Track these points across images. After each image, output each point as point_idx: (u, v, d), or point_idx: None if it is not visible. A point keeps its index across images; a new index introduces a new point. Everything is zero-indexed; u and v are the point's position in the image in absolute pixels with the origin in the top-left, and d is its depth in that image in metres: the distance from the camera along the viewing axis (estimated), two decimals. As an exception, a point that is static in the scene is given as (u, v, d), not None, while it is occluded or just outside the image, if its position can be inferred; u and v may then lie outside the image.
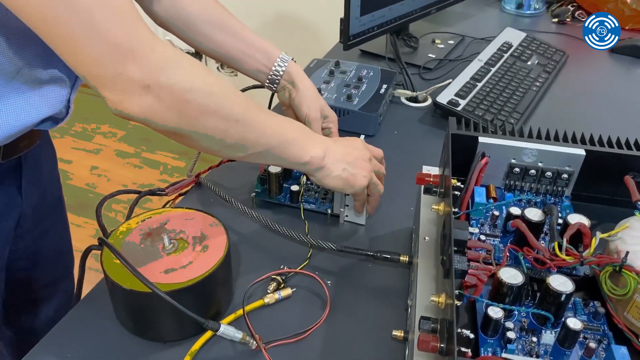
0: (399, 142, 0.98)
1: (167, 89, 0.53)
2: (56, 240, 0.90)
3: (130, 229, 0.65)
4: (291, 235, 0.73)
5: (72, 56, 0.51)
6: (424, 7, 1.22)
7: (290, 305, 0.67)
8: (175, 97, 0.54)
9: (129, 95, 0.52)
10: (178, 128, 0.56)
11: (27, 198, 0.76)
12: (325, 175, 0.68)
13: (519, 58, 1.19)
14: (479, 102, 1.02)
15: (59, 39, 0.51)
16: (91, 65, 0.51)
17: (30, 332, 0.92)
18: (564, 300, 0.49)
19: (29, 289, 0.89)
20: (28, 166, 0.74)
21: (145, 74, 0.52)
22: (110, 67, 0.51)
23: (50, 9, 0.48)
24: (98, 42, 0.50)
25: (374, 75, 1.04)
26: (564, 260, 0.53)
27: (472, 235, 0.59)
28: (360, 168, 0.70)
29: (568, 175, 0.64)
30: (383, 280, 0.71)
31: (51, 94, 0.65)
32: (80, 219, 2.03)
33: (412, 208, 0.79)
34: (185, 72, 0.55)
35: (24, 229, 0.79)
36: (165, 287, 0.57)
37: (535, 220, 0.57)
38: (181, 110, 0.55)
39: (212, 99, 0.57)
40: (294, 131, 0.66)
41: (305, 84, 0.86)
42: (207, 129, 0.58)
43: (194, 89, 0.55)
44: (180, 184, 0.79)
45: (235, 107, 0.59)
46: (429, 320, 0.49)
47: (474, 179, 0.61)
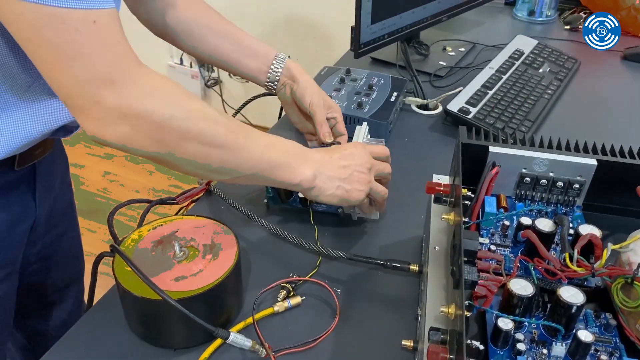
0: (410, 150, 0.98)
1: (144, 119, 0.53)
2: (68, 245, 0.92)
3: (142, 236, 0.66)
4: (301, 244, 0.73)
5: (52, 80, 0.52)
6: (435, 14, 1.22)
7: (300, 314, 0.67)
8: (153, 126, 0.54)
9: (105, 123, 0.53)
10: (156, 153, 0.56)
11: (40, 204, 0.77)
12: (318, 194, 0.68)
13: (530, 65, 1.19)
14: (490, 110, 1.02)
15: (43, 60, 0.51)
16: (70, 91, 0.52)
17: (42, 336, 0.93)
18: (575, 312, 0.49)
19: (41, 294, 0.90)
20: (41, 173, 0.75)
21: (123, 104, 0.52)
22: (88, 95, 0.51)
23: (37, 30, 0.49)
24: (79, 70, 0.50)
25: (384, 83, 1.04)
26: (575, 271, 0.52)
27: (483, 246, 0.59)
28: (357, 182, 0.69)
29: (579, 186, 0.64)
30: (393, 289, 0.71)
31: None
32: (93, 224, 2.04)
33: (422, 216, 0.79)
34: (166, 101, 0.55)
35: (37, 234, 0.80)
36: (176, 295, 0.57)
37: (546, 231, 0.57)
38: (159, 138, 0.55)
39: (192, 127, 0.56)
40: (283, 154, 0.65)
41: (305, 77, 0.86)
42: (188, 155, 0.58)
43: (173, 117, 0.55)
44: (191, 192, 0.79)
45: (219, 133, 0.59)
46: (438, 331, 0.49)
47: (484, 189, 0.60)
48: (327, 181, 0.67)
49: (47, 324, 0.93)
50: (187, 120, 0.56)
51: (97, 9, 0.50)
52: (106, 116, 0.52)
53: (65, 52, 0.50)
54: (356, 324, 0.66)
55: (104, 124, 0.52)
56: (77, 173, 2.30)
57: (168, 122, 0.54)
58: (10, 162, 0.67)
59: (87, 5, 0.49)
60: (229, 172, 0.62)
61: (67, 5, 0.48)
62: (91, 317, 0.66)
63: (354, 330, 0.66)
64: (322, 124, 0.85)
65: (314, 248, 0.72)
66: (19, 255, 0.77)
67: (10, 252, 0.75)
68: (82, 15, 0.49)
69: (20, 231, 0.75)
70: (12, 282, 0.78)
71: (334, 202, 0.69)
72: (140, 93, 0.53)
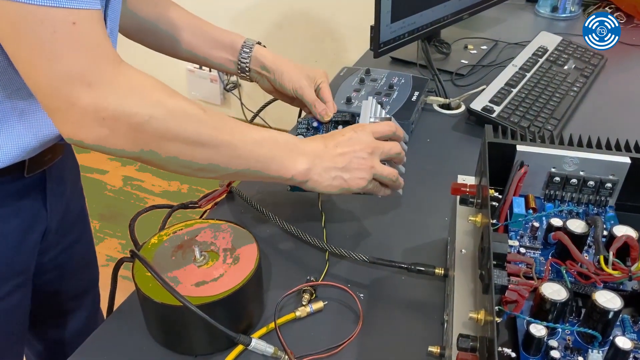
0: (433, 150, 0.96)
1: (122, 121, 0.52)
2: (81, 252, 0.91)
3: (162, 241, 0.65)
4: (322, 247, 0.72)
5: (30, 78, 0.51)
6: (455, 12, 1.20)
7: (322, 319, 0.66)
8: (131, 127, 0.52)
9: (81, 125, 0.51)
10: (135, 153, 0.55)
11: (52, 211, 0.76)
12: (314, 186, 0.65)
13: (555, 62, 1.16)
14: (515, 109, 1.00)
15: (20, 58, 0.51)
16: (46, 91, 0.51)
17: (59, 344, 0.93)
18: (611, 318, 0.46)
19: (56, 302, 0.90)
20: (52, 180, 0.75)
21: (99, 106, 0.51)
22: (64, 96, 0.50)
23: (16, 29, 0.48)
24: (55, 70, 0.49)
25: (405, 83, 1.02)
26: (611, 275, 0.50)
27: (512, 248, 0.56)
28: (356, 169, 0.65)
29: (612, 185, 0.61)
30: (417, 293, 0.69)
31: None
32: (114, 228, 2.06)
33: (446, 218, 0.77)
34: (144, 102, 0.53)
35: (50, 242, 0.80)
36: (197, 301, 0.57)
37: (579, 233, 0.54)
38: (138, 139, 0.53)
39: (173, 126, 0.55)
40: (273, 148, 0.62)
41: (277, 61, 0.82)
42: (171, 154, 0.56)
43: (152, 118, 0.53)
44: (212, 195, 0.78)
45: (202, 131, 0.57)
46: (467, 338, 0.47)
47: (512, 189, 0.58)
48: (322, 173, 0.64)
49: (63, 332, 0.93)
50: (167, 120, 0.54)
51: (78, 8, 0.49)
52: (82, 118, 0.51)
53: (41, 52, 0.49)
54: (380, 330, 0.65)
55: (80, 126, 0.51)
56: (99, 178, 2.32)
57: (147, 124, 0.53)
58: (20, 168, 0.67)
59: (68, 4, 0.48)
60: (216, 170, 0.60)
61: (47, 4, 0.47)
62: (111, 323, 0.66)
63: (377, 335, 0.64)
64: (314, 104, 0.81)
65: (335, 251, 0.71)
66: (32, 264, 0.77)
67: (24, 260, 0.74)
68: (62, 15, 0.48)
69: (32, 239, 0.74)
70: (27, 291, 0.78)
71: (334, 192, 0.66)
72: (117, 94, 0.52)
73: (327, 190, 0.66)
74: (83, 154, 0.85)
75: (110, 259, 1.91)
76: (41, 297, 0.83)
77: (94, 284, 0.97)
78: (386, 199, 0.76)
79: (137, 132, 0.53)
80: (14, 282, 0.74)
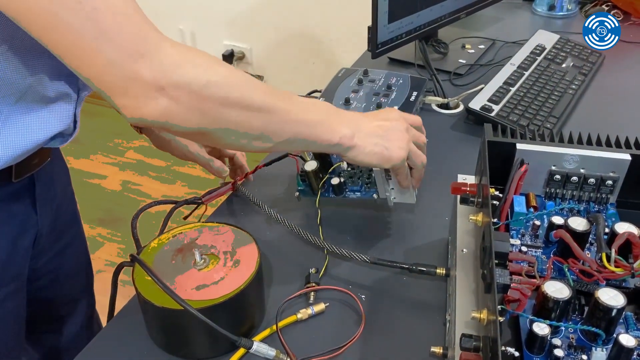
0: (432, 150, 0.95)
1: (182, 88, 0.51)
2: (75, 256, 0.90)
3: (162, 244, 0.65)
4: (324, 246, 0.72)
5: (81, 64, 0.50)
6: (452, 12, 1.20)
7: (324, 321, 0.65)
8: (193, 95, 0.52)
9: (144, 99, 0.51)
10: (200, 127, 0.54)
11: (42, 216, 0.76)
12: (357, 153, 0.64)
13: (553, 61, 1.16)
14: (513, 107, 0.99)
15: (66, 47, 0.49)
16: (101, 72, 0.50)
17: (56, 350, 0.92)
18: (615, 315, 0.46)
19: (51, 307, 0.89)
20: (41, 184, 0.74)
21: (157, 75, 0.50)
22: (121, 72, 0.49)
23: (55, 17, 0.47)
24: (106, 47, 0.49)
25: (403, 83, 1.02)
26: (613, 272, 0.50)
27: (513, 247, 0.56)
28: (396, 139, 0.66)
29: (613, 182, 0.61)
30: (419, 293, 0.69)
31: (59, 109, 0.64)
32: (113, 233, 2.05)
33: (446, 218, 0.77)
34: (199, 68, 0.53)
35: (42, 247, 0.79)
36: (197, 304, 0.56)
37: (580, 230, 0.54)
38: (200, 107, 0.53)
39: (230, 91, 0.55)
40: (319, 113, 0.63)
41: None
42: (230, 123, 0.56)
43: (210, 83, 0.53)
44: (216, 192, 0.77)
45: (256, 96, 0.57)
46: (470, 338, 0.46)
47: (513, 188, 0.58)
48: (365, 138, 0.64)
49: (59, 337, 0.92)
50: (224, 85, 0.54)
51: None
52: (143, 91, 0.50)
53: (86, 33, 0.48)
54: (382, 331, 0.64)
55: (142, 100, 0.50)
56: (98, 183, 2.32)
57: (206, 89, 0.53)
58: (8, 174, 0.66)
59: None
60: (268, 139, 0.59)
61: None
62: (112, 328, 0.66)
63: (380, 336, 0.64)
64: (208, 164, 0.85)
65: (337, 251, 0.71)
66: (25, 269, 0.76)
67: (16, 265, 0.74)
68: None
69: (23, 244, 0.74)
70: (21, 297, 0.77)
71: (374, 161, 0.65)
72: (171, 63, 0.51)
73: (367, 159, 0.65)
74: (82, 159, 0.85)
75: (110, 263, 1.90)
76: (36, 303, 0.83)
77: (89, 287, 0.96)
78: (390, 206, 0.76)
79: (199, 101, 0.52)
80: (8, 289, 0.73)
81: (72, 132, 0.69)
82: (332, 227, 0.78)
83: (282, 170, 0.87)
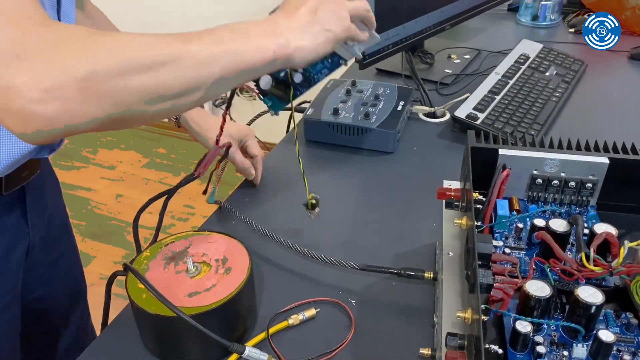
0: (419, 157, 0.98)
1: (66, 82, 0.43)
2: (67, 267, 0.90)
3: (154, 253, 0.66)
4: (313, 255, 0.73)
5: None
6: (438, 23, 1.23)
7: (315, 326, 0.67)
8: (80, 84, 0.43)
9: (29, 112, 0.42)
10: (102, 117, 0.46)
11: (34, 228, 0.76)
12: (304, 55, 0.56)
13: (536, 69, 1.18)
14: (498, 115, 1.02)
15: None
16: None
17: None
18: (594, 312, 0.48)
19: (45, 319, 0.89)
20: (32, 196, 0.74)
21: (37, 76, 0.42)
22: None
23: None
24: None
25: (390, 93, 1.04)
26: (592, 270, 0.52)
27: (497, 249, 0.58)
28: (330, 14, 0.58)
29: (592, 185, 0.63)
30: (408, 297, 0.70)
31: None
32: (106, 247, 2.05)
33: (434, 224, 0.79)
34: (79, 50, 0.45)
35: (34, 259, 0.79)
36: (190, 311, 0.57)
37: (561, 231, 0.56)
38: (92, 94, 0.44)
39: (119, 60, 0.46)
40: (241, 36, 0.53)
41: (202, 120, 0.86)
42: (139, 94, 0.47)
43: (95, 61, 0.44)
44: (206, 160, 0.70)
45: (151, 51, 0.48)
46: (455, 337, 0.48)
47: (495, 192, 0.60)
48: (302, 35, 0.56)
49: (54, 349, 0.91)
50: (110, 57, 0.45)
51: None
52: (26, 101, 0.42)
53: None
54: (372, 335, 0.65)
55: (28, 113, 0.42)
56: (89, 197, 2.32)
57: (93, 72, 0.44)
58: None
59: None
60: (193, 90, 0.50)
61: None
62: (106, 337, 0.66)
63: (370, 340, 0.65)
64: (242, 171, 0.87)
65: (326, 259, 0.72)
66: (19, 282, 0.76)
67: (9, 278, 0.74)
68: None
69: (16, 257, 0.74)
70: (16, 310, 0.77)
71: (327, 49, 0.58)
72: (49, 56, 0.43)
73: (317, 52, 0.58)
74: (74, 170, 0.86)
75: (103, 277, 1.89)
76: (30, 315, 0.83)
77: (82, 298, 0.97)
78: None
79: (89, 87, 0.44)
80: (2, 302, 0.73)
81: (60, 141, 0.70)
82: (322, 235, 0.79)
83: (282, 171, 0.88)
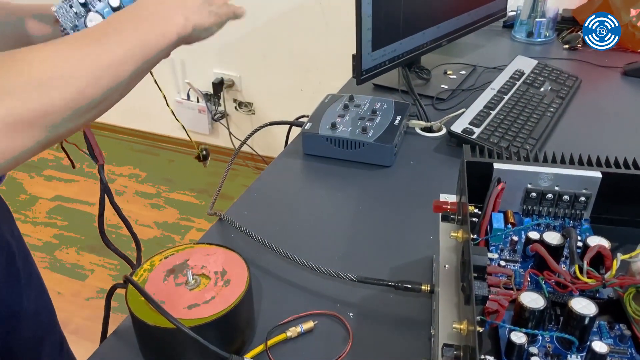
0: (416, 172, 0.99)
1: None
2: (32, 298, 0.86)
3: (154, 266, 0.67)
4: (311, 267, 0.74)
5: None
6: (434, 39, 1.25)
7: (313, 339, 0.67)
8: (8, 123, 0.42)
9: None
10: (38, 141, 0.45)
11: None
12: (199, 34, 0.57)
13: (531, 85, 1.20)
14: (494, 130, 1.03)
15: None
16: None
17: None
18: (587, 324, 0.48)
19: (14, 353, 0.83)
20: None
21: None
22: None
23: None
24: None
25: (387, 108, 1.06)
26: (586, 282, 0.52)
27: (492, 261, 0.59)
28: None
29: (586, 198, 0.64)
30: (405, 310, 0.71)
31: None
32: (105, 260, 2.05)
33: (431, 237, 0.79)
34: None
35: None
36: (189, 323, 0.58)
37: (554, 244, 0.57)
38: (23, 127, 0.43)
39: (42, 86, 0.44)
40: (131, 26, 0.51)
41: None
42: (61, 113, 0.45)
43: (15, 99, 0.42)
44: None
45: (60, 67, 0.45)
46: (451, 348, 0.49)
47: (490, 205, 0.61)
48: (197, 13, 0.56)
49: None
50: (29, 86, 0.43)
51: None
52: None
53: None
54: (370, 347, 0.66)
55: None
56: (88, 211, 2.32)
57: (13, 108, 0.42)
58: None
59: None
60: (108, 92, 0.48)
61: None
62: (105, 349, 0.67)
63: (367, 353, 0.65)
64: None
65: (323, 271, 0.73)
66: None
67: None
68: None
69: None
70: None
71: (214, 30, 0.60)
72: None
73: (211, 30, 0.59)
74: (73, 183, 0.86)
75: (101, 290, 1.89)
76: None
77: (52, 325, 0.92)
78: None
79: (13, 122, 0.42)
80: None
81: None
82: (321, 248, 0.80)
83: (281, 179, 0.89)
